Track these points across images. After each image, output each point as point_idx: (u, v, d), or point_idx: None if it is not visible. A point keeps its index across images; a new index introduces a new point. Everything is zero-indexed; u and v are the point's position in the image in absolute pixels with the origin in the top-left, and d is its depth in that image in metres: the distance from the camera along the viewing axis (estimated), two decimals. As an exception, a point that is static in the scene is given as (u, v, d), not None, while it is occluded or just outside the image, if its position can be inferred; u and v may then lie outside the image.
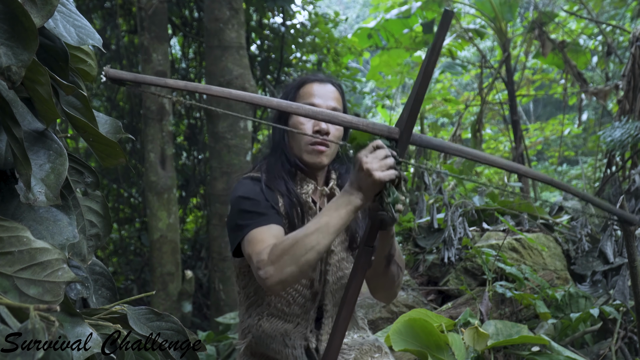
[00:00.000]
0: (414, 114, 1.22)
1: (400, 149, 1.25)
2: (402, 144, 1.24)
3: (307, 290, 1.49)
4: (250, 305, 1.55)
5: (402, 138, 1.24)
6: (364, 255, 1.31)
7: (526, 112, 12.66)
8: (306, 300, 1.50)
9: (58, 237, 0.71)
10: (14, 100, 0.72)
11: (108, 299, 0.93)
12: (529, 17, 7.29)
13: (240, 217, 1.43)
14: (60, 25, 0.77)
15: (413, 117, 1.22)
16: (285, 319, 1.51)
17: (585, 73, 7.40)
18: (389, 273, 1.44)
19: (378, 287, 1.53)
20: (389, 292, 1.55)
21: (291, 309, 1.50)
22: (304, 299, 1.49)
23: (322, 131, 1.48)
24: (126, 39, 5.84)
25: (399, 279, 1.49)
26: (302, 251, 1.25)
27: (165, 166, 4.61)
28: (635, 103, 4.18)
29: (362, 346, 1.56)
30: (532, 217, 3.69)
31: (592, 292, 2.85)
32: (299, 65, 6.19)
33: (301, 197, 1.51)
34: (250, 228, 1.39)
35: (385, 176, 1.21)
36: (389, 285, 1.50)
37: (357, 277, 1.31)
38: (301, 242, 1.26)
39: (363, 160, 1.22)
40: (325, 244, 1.26)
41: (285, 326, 1.50)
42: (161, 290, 4.53)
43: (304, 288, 1.49)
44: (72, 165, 0.83)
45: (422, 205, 3.64)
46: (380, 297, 1.58)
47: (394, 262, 1.44)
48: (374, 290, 1.56)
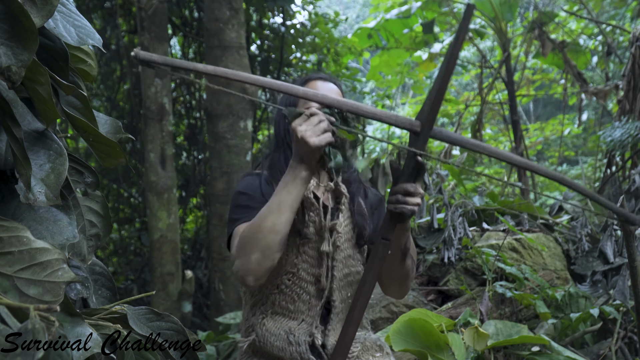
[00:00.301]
0: (436, 108, 1.21)
1: (421, 142, 1.23)
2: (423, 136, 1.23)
3: (312, 287, 1.49)
4: (255, 304, 1.55)
5: (424, 131, 1.22)
6: (381, 248, 1.31)
7: (526, 112, 12.66)
8: (311, 297, 1.50)
9: (58, 237, 0.72)
10: (14, 100, 0.72)
11: (108, 299, 0.93)
12: (529, 17, 7.29)
13: (233, 211, 1.46)
14: (60, 25, 0.77)
15: (435, 111, 1.21)
16: (290, 316, 1.51)
17: (585, 73, 7.40)
18: (404, 266, 1.45)
19: (392, 281, 1.53)
20: (402, 287, 1.54)
21: (296, 306, 1.50)
22: (309, 296, 1.49)
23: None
24: (126, 39, 5.84)
25: (413, 273, 1.50)
26: (261, 235, 1.28)
27: (165, 166, 4.61)
28: (635, 103, 4.18)
29: (365, 342, 1.56)
30: (532, 217, 3.69)
31: (592, 292, 2.85)
32: (299, 65, 6.19)
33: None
34: (238, 223, 1.42)
35: (321, 140, 1.21)
36: (403, 280, 1.50)
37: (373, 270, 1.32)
38: (258, 227, 1.28)
39: (297, 129, 1.23)
40: (282, 223, 1.28)
41: (290, 323, 1.50)
42: (161, 290, 4.53)
43: (308, 284, 1.49)
44: (72, 165, 0.83)
45: (422, 205, 3.64)
46: (393, 292, 1.58)
47: (409, 256, 1.44)
48: (386, 285, 1.56)
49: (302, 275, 1.49)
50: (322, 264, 1.48)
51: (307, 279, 1.49)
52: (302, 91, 1.17)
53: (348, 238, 1.54)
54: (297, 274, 1.48)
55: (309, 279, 1.49)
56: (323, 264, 1.48)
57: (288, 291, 1.49)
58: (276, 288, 1.50)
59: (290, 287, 1.49)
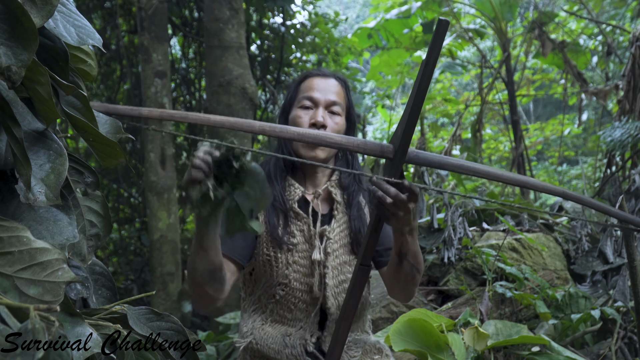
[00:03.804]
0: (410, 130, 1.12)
1: (394, 169, 1.15)
2: (397, 162, 1.14)
3: (307, 296, 1.48)
4: (255, 312, 1.55)
5: (396, 157, 1.14)
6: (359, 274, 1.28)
7: (526, 112, 12.66)
8: (307, 305, 1.49)
9: (58, 237, 0.71)
10: (14, 100, 0.72)
11: (108, 299, 0.93)
12: (529, 17, 7.29)
13: None
14: (60, 25, 0.77)
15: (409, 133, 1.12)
16: (289, 323, 1.51)
17: (585, 73, 7.40)
18: (401, 271, 1.40)
19: (393, 285, 1.49)
20: (403, 291, 1.48)
21: (293, 315, 1.50)
22: (305, 304, 1.49)
23: (318, 124, 1.46)
24: (126, 39, 5.83)
25: (414, 279, 1.43)
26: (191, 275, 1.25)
27: (165, 166, 4.61)
28: (635, 103, 4.18)
29: (365, 346, 1.56)
30: (532, 217, 3.69)
31: (592, 292, 2.85)
32: (299, 65, 6.19)
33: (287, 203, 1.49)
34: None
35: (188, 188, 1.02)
36: (404, 284, 1.45)
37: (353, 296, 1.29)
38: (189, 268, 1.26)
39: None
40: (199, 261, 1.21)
41: (289, 330, 1.50)
42: (161, 290, 4.53)
43: (303, 293, 1.48)
44: (72, 165, 0.83)
45: (422, 205, 3.65)
46: (396, 295, 1.53)
47: (407, 261, 1.38)
48: (389, 287, 1.52)
49: (294, 285, 1.47)
50: (314, 273, 1.47)
51: (300, 288, 1.47)
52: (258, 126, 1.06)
53: (343, 244, 1.51)
54: (290, 284, 1.47)
55: (302, 287, 1.47)
56: (315, 273, 1.46)
57: (283, 301, 1.48)
58: (272, 298, 1.50)
59: (285, 298, 1.48)
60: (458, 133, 6.63)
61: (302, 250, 1.48)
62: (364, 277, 1.29)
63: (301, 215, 1.48)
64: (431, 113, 8.93)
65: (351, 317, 1.32)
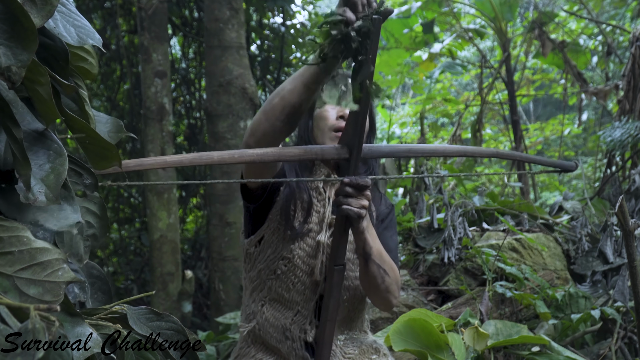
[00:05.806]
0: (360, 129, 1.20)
1: (352, 166, 1.26)
2: (354, 161, 1.25)
3: (307, 278, 1.50)
4: (254, 290, 1.57)
5: (352, 156, 1.25)
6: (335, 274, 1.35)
7: (526, 112, 12.65)
8: (306, 288, 1.51)
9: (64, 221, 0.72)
10: (14, 100, 0.72)
11: (104, 302, 0.92)
12: (529, 17, 7.29)
13: None
14: (60, 25, 0.77)
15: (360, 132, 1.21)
16: (286, 305, 1.52)
17: (585, 73, 7.40)
18: (368, 273, 1.41)
19: (369, 292, 1.50)
20: (378, 297, 1.48)
21: (291, 295, 1.51)
22: (304, 286, 1.50)
23: (345, 117, 1.50)
24: (126, 39, 5.83)
25: (385, 283, 1.43)
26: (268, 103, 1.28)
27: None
28: (635, 103, 4.18)
29: (362, 346, 1.56)
30: (532, 217, 3.69)
31: (592, 292, 2.85)
32: (299, 65, 6.18)
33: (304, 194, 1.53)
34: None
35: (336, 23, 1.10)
36: (374, 289, 1.45)
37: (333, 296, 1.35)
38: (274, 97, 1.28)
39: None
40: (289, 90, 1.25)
41: (286, 313, 1.52)
42: (161, 290, 4.53)
43: (303, 274, 1.50)
44: (70, 166, 0.83)
45: (422, 205, 3.64)
46: (374, 302, 1.53)
47: (373, 262, 1.40)
48: (367, 295, 1.53)
49: (297, 262, 1.49)
50: (317, 255, 1.49)
51: (302, 268, 1.50)
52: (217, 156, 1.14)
53: (350, 240, 1.52)
54: (293, 260, 1.49)
55: (304, 268, 1.50)
56: (318, 255, 1.49)
57: (284, 277, 1.50)
58: (273, 273, 1.52)
59: (285, 274, 1.50)
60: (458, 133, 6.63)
61: (312, 230, 1.51)
62: (339, 278, 1.35)
63: (322, 196, 1.52)
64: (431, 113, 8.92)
65: (334, 318, 1.36)
